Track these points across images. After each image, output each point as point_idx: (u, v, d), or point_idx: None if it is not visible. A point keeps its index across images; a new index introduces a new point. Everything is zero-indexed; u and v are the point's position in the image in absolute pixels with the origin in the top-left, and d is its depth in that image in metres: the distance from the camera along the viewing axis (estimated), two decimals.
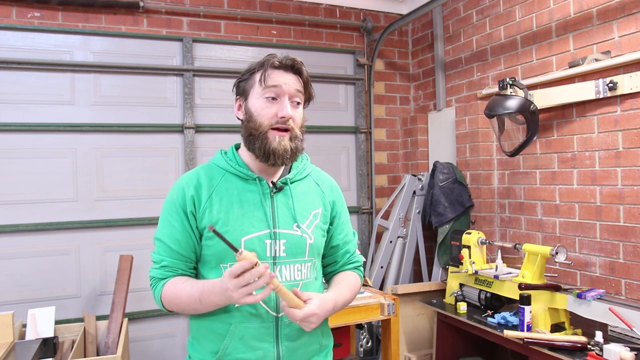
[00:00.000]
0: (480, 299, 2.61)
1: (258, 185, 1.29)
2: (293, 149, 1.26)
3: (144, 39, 3.11)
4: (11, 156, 2.82)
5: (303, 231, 1.29)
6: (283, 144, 1.24)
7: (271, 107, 1.25)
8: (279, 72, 1.26)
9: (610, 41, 2.37)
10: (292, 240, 1.27)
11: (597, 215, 2.44)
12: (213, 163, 1.34)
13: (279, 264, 1.26)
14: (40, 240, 2.86)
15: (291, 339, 1.25)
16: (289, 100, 1.26)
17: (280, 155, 1.24)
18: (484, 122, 3.05)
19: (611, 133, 2.37)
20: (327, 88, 3.62)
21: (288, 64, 1.27)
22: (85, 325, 2.55)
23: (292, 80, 1.27)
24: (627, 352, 1.84)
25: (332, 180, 1.46)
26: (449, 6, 3.46)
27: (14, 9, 2.85)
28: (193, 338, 1.33)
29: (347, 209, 1.47)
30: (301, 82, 1.29)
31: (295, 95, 1.27)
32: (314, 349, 1.32)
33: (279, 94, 1.25)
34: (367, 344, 2.96)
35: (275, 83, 1.25)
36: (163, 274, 1.27)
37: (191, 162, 3.15)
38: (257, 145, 1.26)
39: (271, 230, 1.26)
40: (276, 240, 1.26)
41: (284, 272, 1.26)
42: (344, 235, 1.43)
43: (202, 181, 1.29)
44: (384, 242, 3.40)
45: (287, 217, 1.28)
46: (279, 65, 1.26)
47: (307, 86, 1.30)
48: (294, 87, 1.26)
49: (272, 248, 1.25)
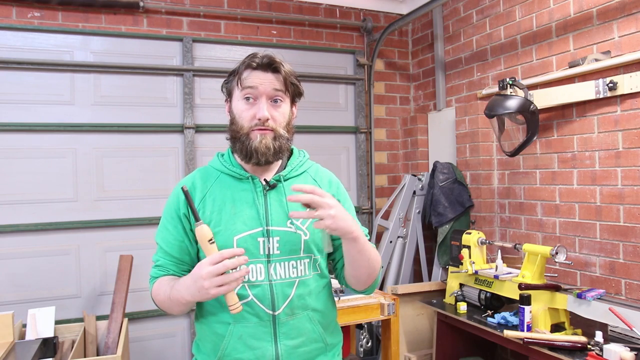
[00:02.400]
0: (480, 299, 2.61)
1: (251, 183, 1.29)
2: (276, 147, 1.25)
3: (144, 39, 3.11)
4: (11, 156, 2.82)
5: (297, 227, 1.28)
6: (264, 142, 1.24)
7: (250, 109, 1.25)
8: (256, 73, 1.26)
9: (610, 41, 2.37)
10: (285, 237, 1.26)
11: (597, 215, 2.44)
12: (210, 165, 1.36)
13: (273, 262, 1.25)
14: (40, 240, 2.86)
15: (290, 337, 1.24)
16: (268, 100, 1.25)
17: (262, 153, 1.24)
18: (484, 122, 3.05)
19: (611, 133, 2.37)
20: (327, 88, 3.62)
21: (265, 62, 1.25)
22: (85, 325, 2.55)
23: (269, 79, 1.25)
24: (627, 352, 1.84)
25: (332, 176, 1.44)
26: (449, 6, 3.46)
27: (14, 9, 2.85)
28: (198, 339, 1.34)
29: (351, 204, 1.43)
30: (281, 80, 1.26)
31: (273, 94, 1.26)
32: (317, 347, 1.30)
33: (256, 94, 1.25)
34: (367, 344, 2.96)
35: (251, 84, 1.25)
36: (156, 272, 1.31)
37: (191, 162, 3.15)
38: (239, 147, 1.27)
39: (264, 227, 1.25)
40: (269, 238, 1.25)
41: (279, 270, 1.25)
42: None
43: (196, 184, 1.30)
44: (384, 242, 3.40)
45: (281, 214, 1.27)
46: (257, 65, 1.26)
47: (288, 83, 1.27)
48: (272, 86, 1.25)
49: (265, 246, 1.25)
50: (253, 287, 1.23)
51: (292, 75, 1.30)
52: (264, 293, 1.23)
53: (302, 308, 1.26)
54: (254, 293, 1.23)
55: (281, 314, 1.22)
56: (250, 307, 1.22)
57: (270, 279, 1.24)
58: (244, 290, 1.23)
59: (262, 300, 1.22)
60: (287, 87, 1.28)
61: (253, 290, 1.23)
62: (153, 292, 1.30)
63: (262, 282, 1.23)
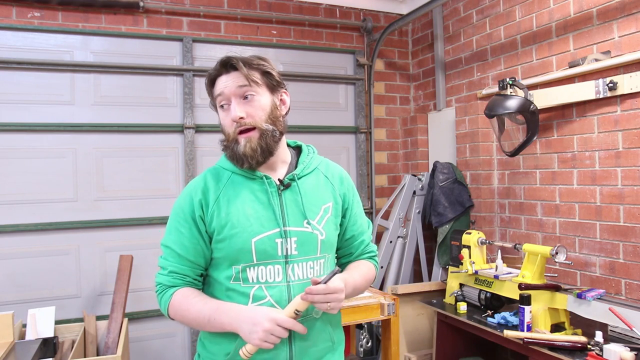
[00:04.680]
0: (480, 299, 2.61)
1: (265, 184, 1.27)
2: (263, 146, 1.23)
3: (144, 39, 3.11)
4: (11, 156, 2.82)
5: (314, 227, 1.27)
6: (249, 145, 1.22)
7: (227, 115, 1.25)
8: (221, 78, 1.25)
9: (610, 41, 2.37)
10: (303, 238, 1.26)
11: (597, 215, 2.44)
12: (219, 165, 1.34)
13: (291, 263, 1.24)
14: (40, 240, 2.86)
15: (304, 338, 1.24)
16: (238, 99, 1.23)
17: (251, 157, 1.23)
18: (484, 122, 3.05)
19: (611, 133, 2.37)
20: (327, 88, 3.62)
21: (222, 65, 1.25)
22: (85, 325, 2.55)
23: (231, 79, 1.23)
24: (627, 352, 1.84)
25: (342, 171, 1.42)
26: (449, 6, 3.46)
27: (14, 9, 2.85)
28: (204, 338, 1.32)
29: (359, 199, 1.44)
30: (243, 74, 1.23)
31: (241, 92, 1.23)
32: (326, 346, 1.30)
33: (225, 99, 1.25)
34: (367, 344, 2.96)
35: (218, 92, 1.25)
36: (171, 281, 1.26)
37: (191, 162, 3.15)
38: (229, 155, 1.26)
39: (281, 228, 1.24)
40: (287, 239, 1.24)
41: (297, 271, 1.25)
42: (358, 226, 1.41)
43: (209, 185, 1.28)
44: (384, 242, 3.40)
45: (297, 214, 1.27)
46: (217, 71, 1.25)
47: (251, 75, 1.23)
48: (235, 84, 1.23)
49: (284, 247, 1.24)
50: (270, 288, 1.22)
51: (259, 65, 1.26)
52: (281, 295, 1.22)
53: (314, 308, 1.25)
54: (271, 294, 1.22)
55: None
56: None
57: (288, 280, 1.24)
58: (261, 292, 1.22)
59: (279, 301, 1.22)
60: (254, 79, 1.23)
61: (270, 292, 1.22)
62: (173, 305, 1.24)
63: (280, 284, 1.23)
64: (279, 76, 1.31)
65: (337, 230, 1.34)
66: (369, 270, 1.40)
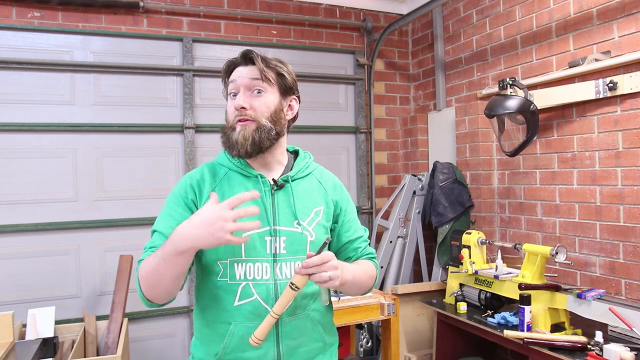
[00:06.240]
0: (480, 299, 2.61)
1: (259, 182, 1.29)
2: (256, 139, 1.24)
3: (144, 39, 3.11)
4: (11, 156, 2.82)
5: (304, 228, 1.28)
6: (242, 133, 1.24)
7: (233, 104, 1.28)
8: (238, 69, 1.29)
9: (610, 41, 2.37)
10: (292, 237, 1.27)
11: (597, 215, 2.44)
12: (216, 162, 1.36)
13: (279, 261, 1.25)
14: (40, 240, 2.86)
15: (292, 337, 1.25)
16: (248, 91, 1.26)
17: (241, 144, 1.23)
18: (484, 122, 3.05)
19: (611, 133, 2.37)
20: (327, 88, 3.62)
21: (241, 56, 1.28)
22: (85, 325, 2.55)
23: (246, 71, 1.27)
24: (627, 352, 1.84)
25: (335, 179, 1.45)
26: (449, 6, 3.46)
27: (14, 9, 2.85)
28: (196, 338, 1.33)
29: (354, 208, 1.45)
30: (259, 69, 1.26)
31: (252, 84, 1.26)
32: (316, 347, 1.31)
33: (235, 88, 1.28)
34: (367, 344, 2.96)
35: (232, 79, 1.29)
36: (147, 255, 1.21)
37: (191, 162, 3.15)
38: (224, 140, 1.28)
39: (271, 227, 1.25)
40: (276, 237, 1.26)
41: (284, 270, 1.25)
42: (353, 232, 1.42)
43: (205, 176, 1.30)
44: (384, 242, 3.40)
45: (288, 214, 1.28)
46: (236, 61, 1.29)
47: (266, 72, 1.26)
48: (248, 76, 1.26)
49: (272, 245, 1.25)
50: (258, 285, 1.23)
51: (276, 66, 1.30)
52: (269, 293, 1.23)
53: (303, 308, 1.27)
54: (259, 292, 1.23)
55: (284, 314, 1.21)
56: (254, 307, 1.22)
57: (275, 278, 1.24)
58: (248, 289, 1.22)
59: (267, 300, 1.22)
60: (267, 76, 1.27)
61: (257, 289, 1.23)
62: (140, 272, 1.19)
63: (267, 281, 1.23)
64: (294, 83, 1.34)
65: (327, 234, 1.35)
66: (369, 267, 1.40)
